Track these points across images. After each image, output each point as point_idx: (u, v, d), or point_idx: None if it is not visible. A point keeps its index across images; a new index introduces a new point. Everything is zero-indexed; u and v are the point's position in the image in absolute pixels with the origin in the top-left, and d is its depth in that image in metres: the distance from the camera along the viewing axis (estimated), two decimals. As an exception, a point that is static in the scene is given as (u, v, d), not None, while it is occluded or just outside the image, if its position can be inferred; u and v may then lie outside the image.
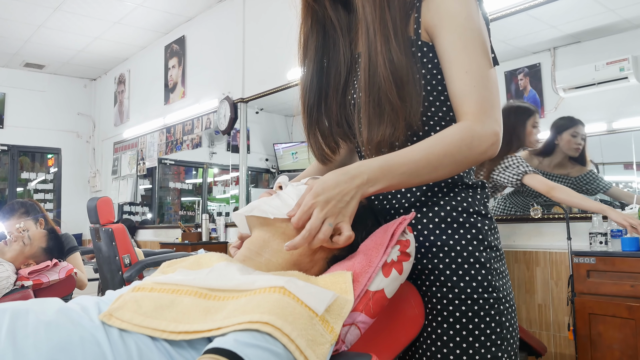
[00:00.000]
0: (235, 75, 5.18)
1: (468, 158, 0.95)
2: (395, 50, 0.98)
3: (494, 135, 0.95)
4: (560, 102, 3.32)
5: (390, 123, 0.98)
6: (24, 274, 2.63)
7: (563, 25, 3.35)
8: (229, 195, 5.75)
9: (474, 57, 0.97)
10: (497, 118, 0.96)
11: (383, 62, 0.98)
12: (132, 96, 7.05)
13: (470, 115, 0.96)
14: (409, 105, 0.98)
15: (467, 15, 0.98)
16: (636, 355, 2.20)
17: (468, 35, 0.97)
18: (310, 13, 1.16)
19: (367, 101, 1.01)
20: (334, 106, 1.15)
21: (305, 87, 1.17)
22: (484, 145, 0.94)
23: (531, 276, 2.94)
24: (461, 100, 0.97)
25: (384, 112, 0.99)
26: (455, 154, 0.93)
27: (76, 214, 7.13)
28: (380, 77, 0.98)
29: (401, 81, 0.97)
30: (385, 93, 0.98)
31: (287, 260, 0.96)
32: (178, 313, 0.77)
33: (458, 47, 0.97)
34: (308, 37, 1.17)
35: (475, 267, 0.99)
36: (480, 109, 0.95)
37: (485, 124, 0.95)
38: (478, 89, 0.96)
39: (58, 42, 6.41)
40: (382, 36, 0.99)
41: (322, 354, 0.72)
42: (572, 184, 3.03)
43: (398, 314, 0.97)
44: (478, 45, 0.98)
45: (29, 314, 0.74)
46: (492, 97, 0.97)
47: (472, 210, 1.02)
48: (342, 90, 1.14)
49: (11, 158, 7.22)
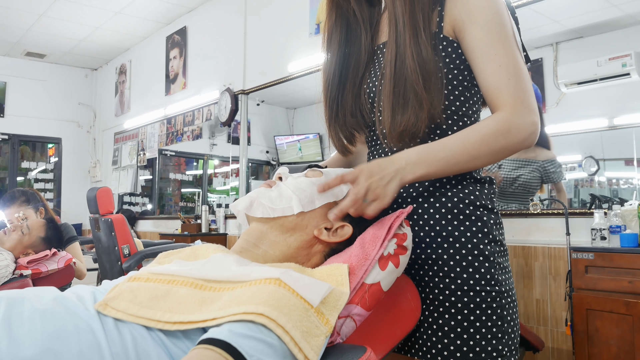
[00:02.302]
0: (236, 66, 5.16)
1: (505, 148, 0.96)
2: (425, 44, 1.00)
3: (532, 124, 0.97)
4: (561, 98, 3.31)
5: (414, 113, 0.99)
6: (23, 263, 2.63)
7: (566, 20, 3.34)
8: (229, 187, 5.75)
9: (507, 51, 0.98)
10: (534, 108, 0.98)
11: (411, 54, 0.99)
12: (133, 86, 7.04)
13: (506, 106, 0.97)
14: (433, 97, 0.99)
15: (496, 11, 0.99)
16: (633, 351, 2.20)
17: (498, 30, 0.99)
18: (335, 7, 1.18)
19: (392, 91, 1.02)
20: (350, 97, 1.16)
21: (328, 80, 1.19)
22: (522, 135, 0.96)
23: (529, 271, 2.94)
24: (497, 93, 0.99)
25: (408, 102, 1.00)
26: (492, 143, 0.95)
27: (76, 204, 7.13)
28: (408, 69, 1.00)
29: (428, 74, 0.99)
30: (411, 84, 0.99)
31: (284, 252, 0.97)
32: (173, 303, 0.77)
33: (489, 41, 0.99)
34: (332, 31, 1.19)
35: (479, 259, 0.99)
36: (517, 100, 0.97)
37: (522, 114, 0.96)
38: (513, 81, 0.97)
39: (59, 32, 6.39)
40: (412, 29, 1.01)
41: (316, 345, 0.72)
42: (539, 167, 3.11)
43: (394, 307, 0.97)
44: (509, 39, 0.99)
45: (24, 302, 0.74)
46: (527, 87, 0.99)
47: (479, 203, 1.03)
48: (359, 82, 1.16)
49: (12, 147, 7.21)
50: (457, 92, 1.04)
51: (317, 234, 0.97)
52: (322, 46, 1.22)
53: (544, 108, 3.36)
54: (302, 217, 0.97)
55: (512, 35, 1.00)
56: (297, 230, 0.97)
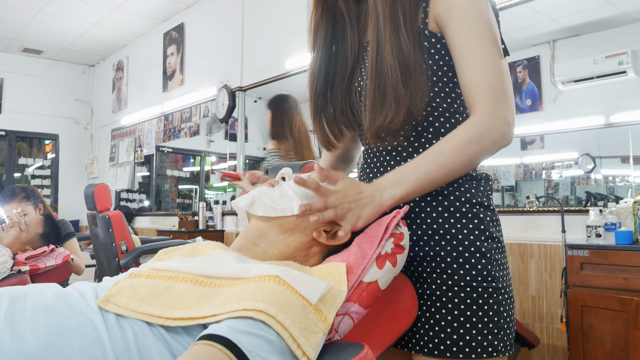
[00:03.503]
0: (233, 63, 5.16)
1: (480, 152, 0.96)
2: (405, 39, 1.00)
3: (505, 124, 0.96)
4: (558, 95, 3.32)
5: (392, 110, 0.99)
6: (21, 259, 2.64)
7: (563, 17, 3.35)
8: (226, 183, 5.75)
9: (484, 48, 0.98)
10: (509, 106, 0.97)
11: (391, 50, 0.99)
12: (131, 83, 7.03)
13: (480, 108, 0.97)
14: (413, 93, 0.99)
15: (476, 7, 0.99)
16: (627, 348, 2.22)
17: (477, 26, 0.98)
18: (321, 3, 1.18)
19: (372, 87, 1.02)
20: (340, 94, 1.16)
21: (313, 75, 1.19)
22: (495, 136, 0.96)
23: (525, 268, 2.96)
24: (472, 92, 0.98)
25: (386, 98, 1.00)
26: (466, 151, 0.95)
27: (73, 200, 7.12)
28: (387, 65, 1.00)
29: (408, 70, 0.99)
30: (390, 81, 0.99)
31: (283, 252, 0.97)
32: (174, 299, 0.78)
33: (468, 38, 0.98)
34: (318, 25, 1.19)
35: (475, 256, 1.00)
36: (490, 100, 0.96)
37: (495, 115, 0.96)
38: (488, 80, 0.97)
39: (56, 28, 6.38)
40: (392, 24, 1.00)
41: (314, 342, 0.73)
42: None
43: (391, 306, 0.98)
44: (488, 36, 0.98)
45: (27, 298, 0.75)
46: (503, 86, 0.98)
47: (475, 201, 1.03)
48: (348, 79, 1.16)
49: (8, 143, 7.20)
50: (448, 88, 1.04)
51: (316, 236, 0.97)
52: (308, 45, 1.21)
53: (541, 106, 3.38)
54: (302, 218, 0.97)
55: (493, 32, 0.99)
56: (297, 231, 0.98)
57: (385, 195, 0.94)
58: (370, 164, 1.15)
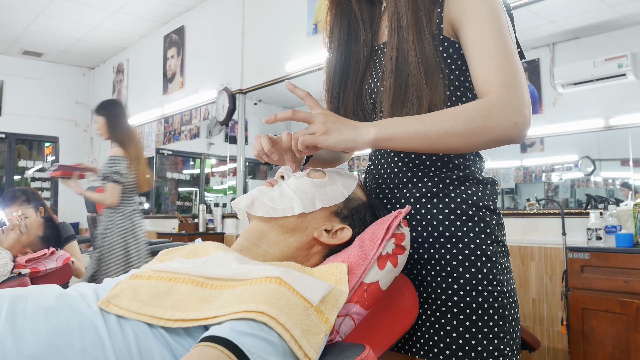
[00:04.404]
0: (234, 66, 5.17)
1: (483, 130, 0.91)
2: (428, 41, 1.00)
3: (517, 113, 0.92)
4: (558, 98, 3.32)
5: (413, 107, 1.00)
6: (21, 261, 2.64)
7: (562, 20, 3.35)
8: (226, 186, 5.75)
9: (498, 41, 0.97)
10: (524, 98, 0.94)
11: (414, 51, 1.00)
12: (131, 86, 7.03)
13: (492, 92, 0.94)
14: (434, 92, 0.99)
15: (490, 6, 0.99)
16: (628, 350, 2.22)
17: (491, 23, 0.98)
18: (335, 5, 1.20)
19: (392, 86, 1.02)
20: (351, 95, 1.17)
21: (330, 78, 1.21)
22: (504, 122, 0.91)
23: (526, 271, 2.96)
24: (485, 82, 0.96)
25: (408, 97, 1.00)
26: (468, 121, 0.91)
27: (73, 203, 7.11)
28: (410, 66, 1.00)
29: (430, 71, 0.99)
30: (413, 80, 1.00)
31: (284, 252, 0.97)
32: (175, 301, 0.78)
33: (483, 34, 0.98)
34: (333, 25, 1.21)
35: (481, 259, 1.00)
36: (504, 88, 0.93)
37: (507, 102, 0.92)
38: (502, 70, 0.95)
39: (57, 30, 6.38)
40: (415, 26, 1.01)
41: (316, 343, 0.73)
42: None
43: (392, 306, 0.98)
44: (502, 31, 0.98)
45: (28, 299, 0.75)
46: (518, 79, 0.95)
47: (481, 204, 1.03)
48: (360, 80, 1.17)
49: (9, 146, 7.20)
50: (459, 92, 1.05)
51: (317, 235, 0.97)
52: (324, 43, 1.23)
53: (541, 108, 3.38)
54: (303, 218, 0.97)
55: (507, 29, 0.99)
56: (297, 231, 0.98)
57: (371, 129, 0.94)
58: (377, 165, 1.15)
